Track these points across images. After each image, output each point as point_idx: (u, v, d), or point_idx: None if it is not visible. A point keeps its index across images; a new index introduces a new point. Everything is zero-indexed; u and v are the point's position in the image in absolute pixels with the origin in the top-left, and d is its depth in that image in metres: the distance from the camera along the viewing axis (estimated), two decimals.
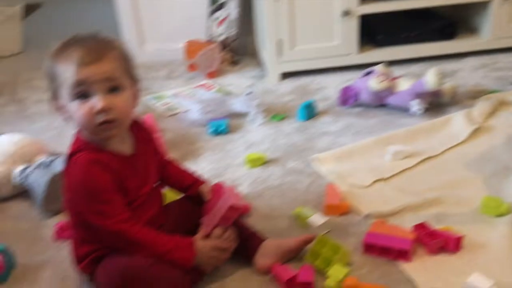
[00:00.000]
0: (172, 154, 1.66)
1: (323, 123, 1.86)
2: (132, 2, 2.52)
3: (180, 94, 2.20)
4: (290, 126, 1.86)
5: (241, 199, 1.12)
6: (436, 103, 1.86)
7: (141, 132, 1.15)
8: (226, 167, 1.62)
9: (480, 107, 1.78)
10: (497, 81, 2.07)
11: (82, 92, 0.97)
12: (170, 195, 1.27)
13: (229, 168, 1.61)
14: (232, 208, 1.10)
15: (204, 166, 1.62)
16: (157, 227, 1.10)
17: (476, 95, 1.91)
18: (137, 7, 2.54)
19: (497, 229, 1.20)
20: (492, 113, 1.77)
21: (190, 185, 1.23)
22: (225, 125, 1.82)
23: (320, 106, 1.98)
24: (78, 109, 0.98)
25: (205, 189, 1.20)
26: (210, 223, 1.12)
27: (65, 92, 0.99)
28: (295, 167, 1.58)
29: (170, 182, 1.24)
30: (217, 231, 1.11)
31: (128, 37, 2.54)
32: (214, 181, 1.29)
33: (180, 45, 2.47)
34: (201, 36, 2.53)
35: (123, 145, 1.08)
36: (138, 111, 1.08)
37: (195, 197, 1.21)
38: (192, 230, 1.16)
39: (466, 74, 2.17)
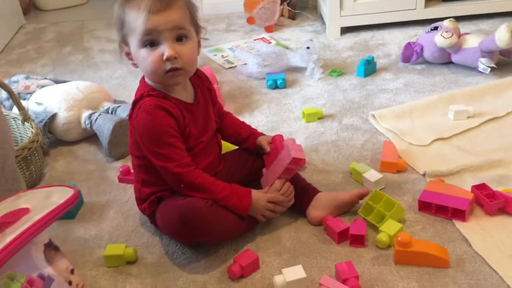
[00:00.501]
0: (229, 106, 1.69)
1: (383, 80, 1.81)
2: None
3: (238, 47, 2.20)
4: (348, 82, 1.83)
5: (303, 151, 1.12)
6: (506, 62, 1.76)
7: (201, 81, 1.17)
8: (282, 120, 1.62)
9: None
10: None
11: (151, 40, 1.00)
12: (227, 145, 1.30)
13: (285, 122, 1.61)
14: (295, 160, 1.10)
15: (260, 119, 1.63)
16: (213, 174, 1.13)
17: None
18: None
19: None
20: None
21: (247, 137, 1.25)
22: (282, 79, 1.82)
23: (381, 62, 1.92)
24: (146, 57, 1.01)
25: (264, 141, 1.22)
26: (272, 174, 1.14)
27: (134, 39, 1.02)
28: (352, 123, 1.57)
29: (227, 133, 1.27)
30: (277, 184, 1.13)
31: None
32: (271, 134, 1.31)
33: None
34: None
35: (186, 93, 1.11)
36: (198, 62, 1.09)
37: (252, 149, 1.24)
38: (247, 180, 1.19)
39: None
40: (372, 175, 1.26)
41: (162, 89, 1.07)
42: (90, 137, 1.58)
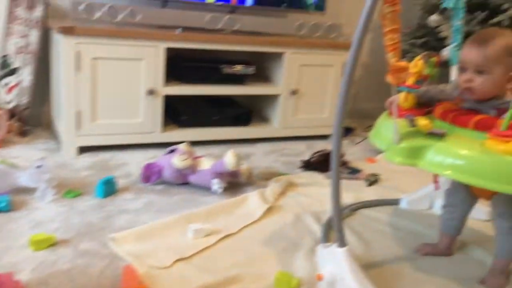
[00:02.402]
0: None
1: (123, 201, 1.76)
2: None
3: None
4: (86, 203, 1.71)
5: None
6: (234, 183, 1.95)
7: None
8: (4, 250, 1.37)
9: (272, 188, 1.93)
10: (286, 165, 2.30)
11: None
12: None
13: (7, 252, 1.37)
14: None
15: None
16: None
17: (268, 176, 2.08)
18: None
19: None
20: (282, 193, 1.93)
21: None
22: (6, 201, 1.58)
23: (121, 183, 1.89)
24: None
25: None
26: None
27: None
28: (89, 248, 1.44)
29: None
30: None
31: None
32: None
33: None
34: None
35: None
36: None
37: None
38: None
39: (260, 158, 2.37)
40: None
41: None
42: None
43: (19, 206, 1.62)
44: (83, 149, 2.16)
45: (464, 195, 1.44)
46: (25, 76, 2.34)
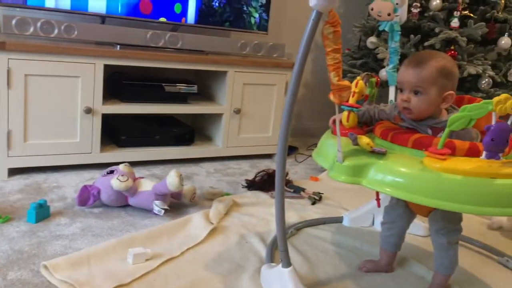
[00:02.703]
0: None
1: (57, 225, 1.66)
2: None
3: None
4: (16, 229, 1.60)
5: None
6: (177, 204, 1.90)
7: None
8: None
9: (216, 208, 1.89)
10: (230, 184, 2.27)
11: None
12: None
13: None
14: None
15: None
16: None
17: (212, 197, 2.04)
18: None
19: None
20: (226, 213, 1.90)
21: None
22: None
23: (55, 206, 1.78)
24: None
25: None
26: None
27: None
28: (20, 277, 1.33)
29: None
30: None
31: None
32: None
33: None
34: None
35: None
36: None
37: None
38: None
39: (203, 178, 2.33)
40: None
41: None
42: None
43: None
44: (14, 171, 2.03)
45: (402, 211, 1.47)
46: None
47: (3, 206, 1.75)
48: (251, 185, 2.23)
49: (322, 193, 2.20)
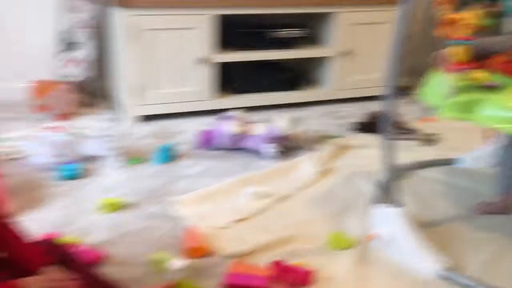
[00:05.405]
0: (14, 202, 1.49)
1: (182, 166, 1.85)
2: None
3: (25, 137, 2.01)
4: (148, 169, 1.81)
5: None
6: (288, 147, 1.99)
7: None
8: (77, 213, 1.50)
9: (325, 151, 1.94)
10: (339, 127, 2.29)
11: None
12: None
13: (81, 215, 1.49)
14: None
15: (52, 214, 1.48)
16: None
17: (321, 140, 2.09)
18: None
19: (343, 262, 1.29)
20: (335, 156, 1.95)
21: None
22: (77, 169, 1.71)
23: (179, 149, 1.97)
24: None
25: None
26: None
27: None
28: (154, 211, 1.54)
29: None
30: (51, 273, 0.99)
31: None
32: (64, 229, 1.18)
33: (21, 84, 2.28)
34: (45, 76, 2.35)
35: None
36: None
37: None
38: None
39: (312, 121, 2.37)
40: (176, 263, 1.23)
41: None
42: None
43: (88, 173, 1.75)
44: (144, 118, 2.26)
45: None
46: (88, 50, 2.45)
47: (135, 149, 1.97)
48: (360, 127, 2.23)
49: (437, 134, 2.13)
